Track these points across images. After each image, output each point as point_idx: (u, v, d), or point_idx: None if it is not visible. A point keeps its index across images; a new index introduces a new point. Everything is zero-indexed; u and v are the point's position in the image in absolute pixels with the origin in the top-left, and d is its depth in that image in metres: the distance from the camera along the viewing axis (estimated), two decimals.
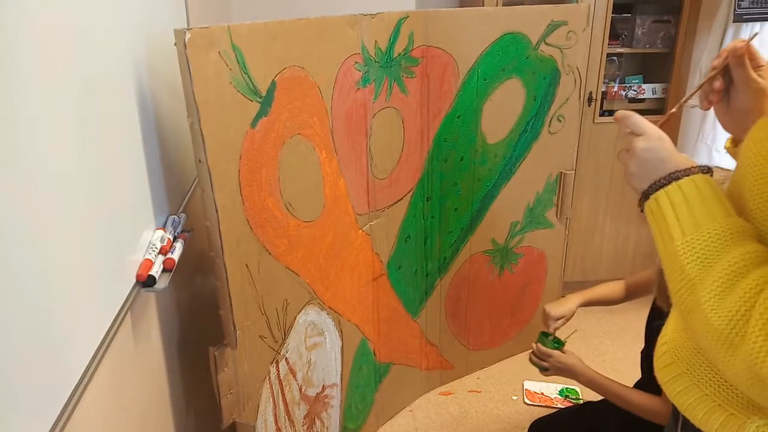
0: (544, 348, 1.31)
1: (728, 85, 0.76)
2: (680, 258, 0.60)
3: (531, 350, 1.35)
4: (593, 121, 2.16)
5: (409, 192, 1.59)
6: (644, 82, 2.32)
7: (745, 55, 0.74)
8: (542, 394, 1.80)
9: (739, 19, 1.79)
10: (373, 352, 1.55)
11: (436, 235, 1.73)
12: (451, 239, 1.77)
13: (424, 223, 1.67)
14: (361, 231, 1.40)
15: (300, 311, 1.18)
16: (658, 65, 2.31)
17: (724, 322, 0.55)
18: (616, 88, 2.27)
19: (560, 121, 1.83)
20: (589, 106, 2.15)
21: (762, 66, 0.74)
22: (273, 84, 1.05)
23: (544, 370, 1.33)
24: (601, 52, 2.14)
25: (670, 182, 0.64)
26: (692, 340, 0.65)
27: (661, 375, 0.70)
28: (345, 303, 1.36)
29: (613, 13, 2.20)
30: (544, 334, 1.35)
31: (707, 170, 0.65)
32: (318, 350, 1.27)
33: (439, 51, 1.57)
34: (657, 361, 0.72)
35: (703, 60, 2.00)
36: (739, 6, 1.78)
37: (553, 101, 1.78)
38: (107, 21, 0.80)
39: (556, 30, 1.73)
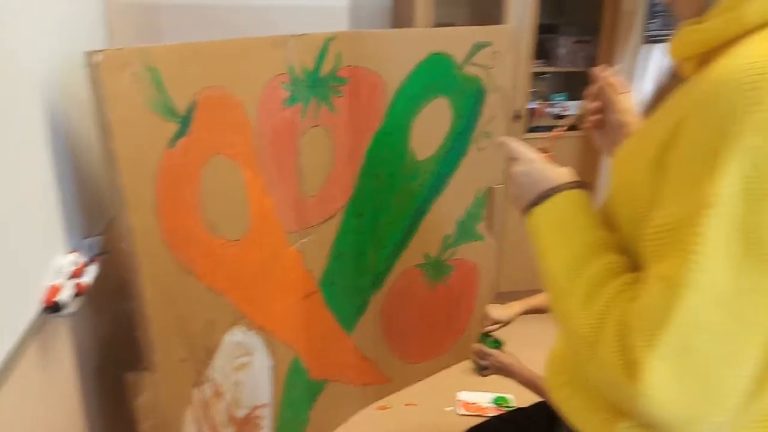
0: (484, 348, 1.36)
1: (605, 109, 0.85)
2: (552, 269, 0.65)
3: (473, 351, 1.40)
4: (521, 138, 2.24)
5: (341, 208, 1.61)
6: (569, 100, 2.43)
7: (605, 79, 0.85)
8: (476, 404, 1.84)
9: (648, 40, 1.90)
10: (307, 370, 1.55)
11: (369, 251, 1.75)
12: (384, 254, 1.79)
13: (357, 238, 1.69)
14: (291, 249, 1.41)
15: (226, 332, 1.18)
16: (581, 83, 2.42)
17: (587, 330, 0.60)
18: (541, 105, 2.36)
19: (488, 137, 1.89)
20: (516, 122, 2.23)
21: (624, 93, 0.84)
22: (193, 104, 1.05)
23: (484, 370, 1.38)
24: (527, 70, 2.23)
25: (543, 200, 0.69)
26: (569, 348, 0.70)
27: (548, 383, 0.74)
28: (275, 322, 1.36)
29: (540, 33, 2.30)
30: (485, 335, 1.40)
31: (580, 185, 0.70)
32: (246, 371, 1.27)
33: (367, 71, 1.60)
34: (546, 370, 0.76)
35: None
36: (648, 29, 1.89)
37: (479, 119, 1.84)
38: (14, 42, 0.79)
39: (481, 50, 1.79)
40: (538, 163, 0.74)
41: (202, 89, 1.08)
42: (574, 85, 2.50)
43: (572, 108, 2.41)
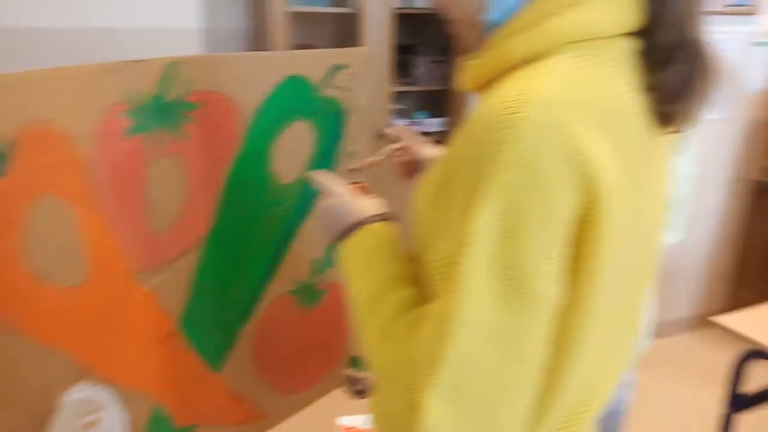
0: (355, 372, 1.34)
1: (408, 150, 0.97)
2: (355, 304, 0.65)
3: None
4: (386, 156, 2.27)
5: (199, 241, 1.53)
6: (430, 117, 2.51)
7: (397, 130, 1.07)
8: (356, 428, 1.82)
9: None
10: (170, 418, 1.45)
11: (235, 282, 1.68)
12: (251, 284, 1.72)
13: (220, 270, 1.61)
14: (142, 289, 1.31)
15: (66, 390, 1.06)
16: (440, 101, 2.51)
17: (381, 366, 0.60)
18: (404, 124, 2.42)
19: (352, 157, 1.89)
20: (381, 141, 2.25)
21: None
22: (11, 141, 0.95)
23: (360, 393, 1.36)
24: (388, 90, 2.27)
25: (348, 234, 0.70)
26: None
27: (371, 408, 0.74)
28: (128, 371, 1.25)
29: (399, 53, 2.35)
30: (354, 359, 1.38)
31: (387, 218, 0.72)
32: (96, 429, 1.15)
33: (219, 95, 1.54)
34: (370, 399, 0.76)
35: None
36: None
37: (342, 140, 1.84)
38: None
39: (338, 72, 1.80)
40: (345, 197, 0.77)
41: (24, 124, 0.98)
42: (434, 102, 2.60)
43: (434, 125, 2.49)
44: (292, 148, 1.71)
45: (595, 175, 0.57)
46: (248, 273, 1.69)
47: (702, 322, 3.38)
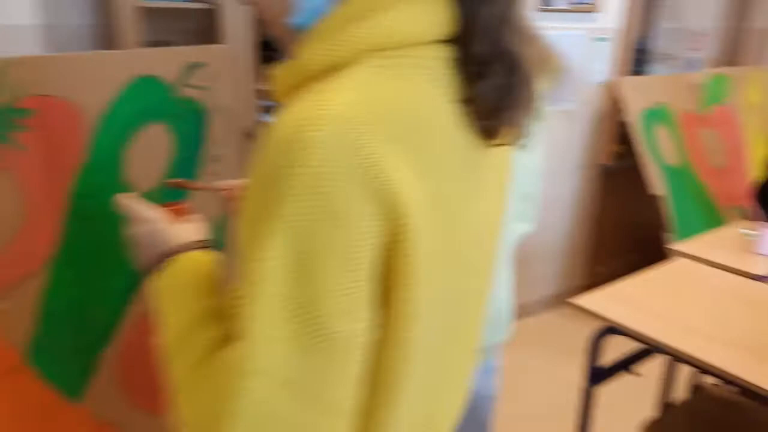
0: None
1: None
2: (162, 343, 0.61)
3: None
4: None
5: (45, 262, 1.38)
6: None
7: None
8: None
9: None
10: None
11: (92, 303, 1.54)
12: (111, 303, 1.60)
13: (73, 292, 1.47)
14: None
15: None
16: None
17: (186, 414, 0.56)
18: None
19: (218, 161, 1.81)
20: (250, 141, 2.18)
21: None
22: None
23: None
24: (252, 88, 2.20)
25: (158, 265, 0.66)
26: None
27: None
28: None
29: (263, 50, 2.28)
30: None
31: (206, 245, 0.68)
32: None
33: (58, 100, 1.40)
34: None
35: None
36: None
37: (205, 143, 1.75)
38: None
39: (196, 71, 1.70)
40: (159, 223, 0.71)
41: None
42: None
43: None
44: (149, 153, 1.60)
45: (398, 197, 0.51)
46: (106, 292, 1.55)
47: (564, 300, 3.64)
